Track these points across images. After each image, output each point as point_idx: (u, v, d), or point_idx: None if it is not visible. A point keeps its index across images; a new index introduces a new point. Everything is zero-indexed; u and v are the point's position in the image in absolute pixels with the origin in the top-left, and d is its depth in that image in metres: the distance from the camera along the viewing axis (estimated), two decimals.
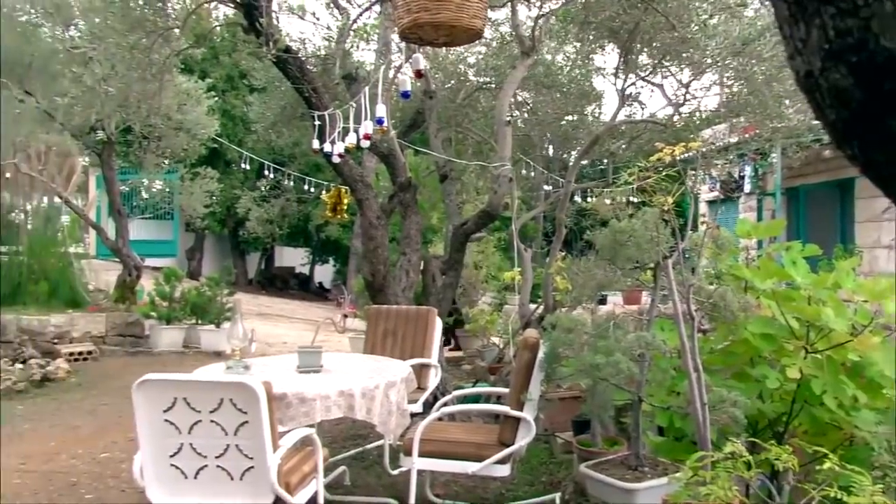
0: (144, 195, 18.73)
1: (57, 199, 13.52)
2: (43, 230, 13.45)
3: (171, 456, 3.33)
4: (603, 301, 10.20)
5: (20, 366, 9.29)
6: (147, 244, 18.46)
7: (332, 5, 7.40)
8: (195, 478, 3.34)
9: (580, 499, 4.54)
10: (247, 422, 3.23)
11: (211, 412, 3.24)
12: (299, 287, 28.34)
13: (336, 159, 5.42)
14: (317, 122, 5.63)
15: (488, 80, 8.61)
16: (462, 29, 2.99)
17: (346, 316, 10.56)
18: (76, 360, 10.24)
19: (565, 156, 11.25)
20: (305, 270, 29.46)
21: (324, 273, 29.29)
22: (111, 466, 5.52)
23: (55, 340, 10.73)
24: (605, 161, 9.60)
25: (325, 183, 14.20)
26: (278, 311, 19.46)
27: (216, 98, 13.57)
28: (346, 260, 24.10)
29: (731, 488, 2.85)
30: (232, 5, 6.03)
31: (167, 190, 16.35)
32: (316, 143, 5.61)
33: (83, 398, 8.22)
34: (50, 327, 10.81)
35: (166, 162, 13.90)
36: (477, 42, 5.27)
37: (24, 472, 5.36)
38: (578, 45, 8.52)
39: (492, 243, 12.57)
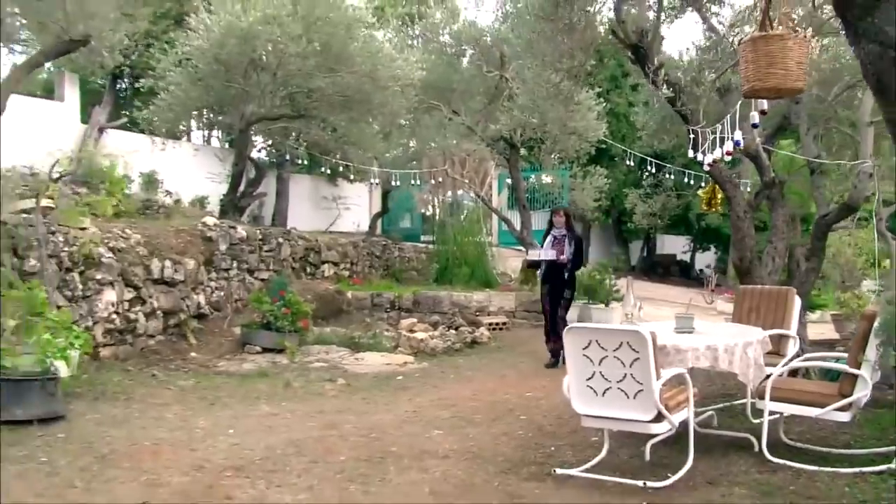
0: (538, 190, 21.23)
1: (474, 197, 16.32)
2: (462, 224, 16.32)
3: (587, 380, 4.94)
4: None
5: (454, 332, 11.83)
6: (540, 234, 20.88)
7: (707, 29, 8.55)
8: (602, 396, 4.91)
9: None
10: (638, 358, 4.71)
11: (614, 350, 4.78)
12: (680, 274, 29.22)
13: (707, 168, 6.68)
14: (691, 136, 6.93)
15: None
16: (787, 90, 4.13)
17: (712, 290, 11.61)
18: (494, 328, 12.61)
19: None
20: (686, 258, 30.25)
21: (705, 260, 29.81)
22: (534, 401, 7.42)
23: (477, 313, 13.29)
24: None
25: (704, 175, 15.18)
26: (661, 295, 20.70)
27: (603, 104, 15.26)
28: (727, 247, 24.55)
29: None
30: (621, 46, 7.54)
31: (559, 186, 18.50)
32: (691, 153, 6.92)
33: (504, 357, 10.40)
34: (473, 302, 13.41)
35: (559, 162, 16.00)
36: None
37: (476, 400, 7.48)
38: None
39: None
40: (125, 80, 17.00)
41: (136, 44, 10.81)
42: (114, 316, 8.63)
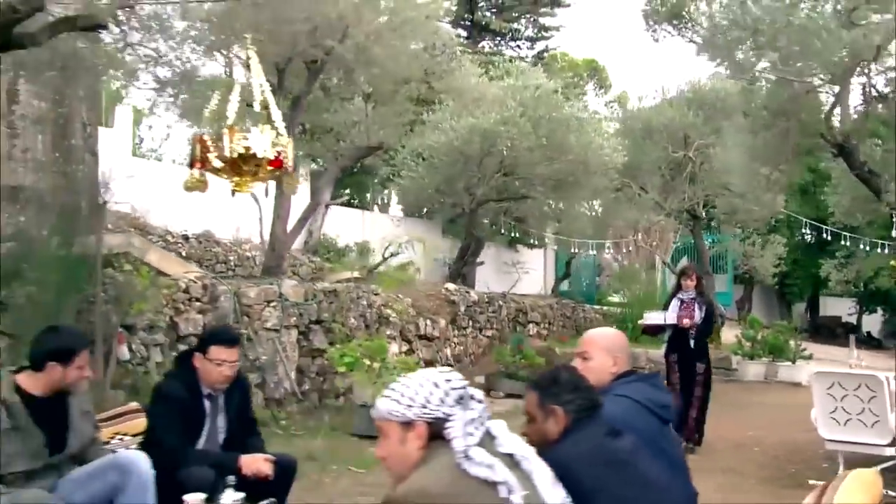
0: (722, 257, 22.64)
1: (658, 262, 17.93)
2: (644, 287, 17.94)
3: (831, 413, 6.48)
4: None
5: None
6: (721, 296, 22.09)
7: None
8: (844, 425, 6.43)
9: None
10: (875, 396, 6.23)
11: (854, 390, 6.32)
12: (845, 336, 29.25)
13: None
14: (894, 219, 8.38)
15: None
16: None
17: None
18: None
19: None
20: (852, 319, 30.32)
21: (872, 322, 29.82)
22: (757, 439, 8.88)
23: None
24: None
25: (879, 242, 16.20)
26: (832, 356, 21.33)
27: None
28: None
29: None
30: (827, 144, 9.07)
31: (738, 252, 19.83)
32: (894, 233, 8.36)
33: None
34: None
35: (741, 230, 17.41)
36: None
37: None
38: None
39: None
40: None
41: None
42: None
